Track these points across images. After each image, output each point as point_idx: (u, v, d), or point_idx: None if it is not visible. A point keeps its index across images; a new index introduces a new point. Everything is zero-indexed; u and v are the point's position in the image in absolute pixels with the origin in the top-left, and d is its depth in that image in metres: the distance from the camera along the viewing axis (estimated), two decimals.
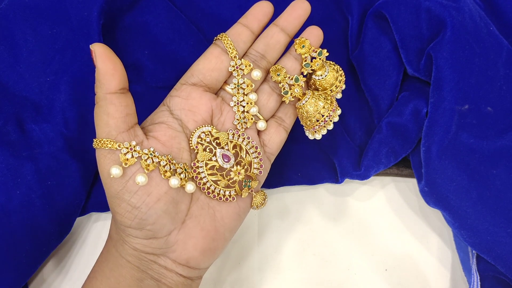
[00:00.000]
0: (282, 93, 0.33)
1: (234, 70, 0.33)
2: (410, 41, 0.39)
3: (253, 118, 0.33)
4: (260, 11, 0.33)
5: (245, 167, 0.32)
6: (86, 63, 0.37)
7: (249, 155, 0.33)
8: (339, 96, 0.34)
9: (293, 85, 0.33)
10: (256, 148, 0.33)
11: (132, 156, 0.28)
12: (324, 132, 0.33)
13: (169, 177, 0.29)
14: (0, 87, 0.37)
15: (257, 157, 0.33)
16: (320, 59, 0.33)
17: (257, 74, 0.33)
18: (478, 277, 0.36)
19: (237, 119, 0.33)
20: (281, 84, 0.33)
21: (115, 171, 0.28)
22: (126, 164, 0.28)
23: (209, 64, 0.32)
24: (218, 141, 0.32)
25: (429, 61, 0.38)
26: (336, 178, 0.40)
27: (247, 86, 0.33)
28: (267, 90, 0.34)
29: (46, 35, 0.37)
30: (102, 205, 0.39)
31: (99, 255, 0.32)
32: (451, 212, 0.36)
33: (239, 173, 0.32)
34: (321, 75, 0.33)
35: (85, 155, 0.37)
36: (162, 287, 0.30)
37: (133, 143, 0.29)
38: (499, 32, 0.39)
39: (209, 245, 0.31)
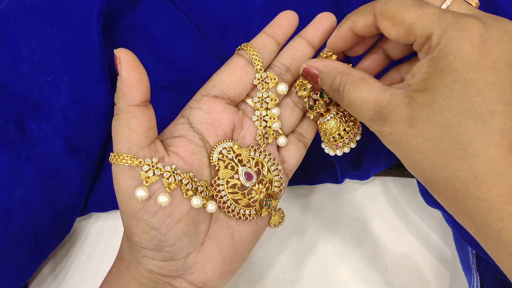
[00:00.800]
0: (307, 108, 0.32)
1: (259, 83, 0.31)
2: None
3: (274, 134, 0.32)
4: (286, 21, 0.32)
5: (267, 185, 0.31)
6: (86, 63, 0.37)
7: (270, 172, 0.31)
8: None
9: (318, 100, 0.32)
10: (277, 165, 0.32)
11: (154, 174, 0.26)
12: (346, 150, 0.32)
13: (191, 196, 0.27)
14: (0, 87, 0.37)
15: (278, 174, 0.31)
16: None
17: (283, 88, 0.31)
18: (478, 277, 0.36)
19: (259, 135, 0.32)
20: (306, 99, 0.32)
21: (141, 193, 0.25)
22: (147, 182, 0.26)
23: (234, 76, 0.31)
24: (240, 158, 0.30)
25: None
26: (336, 178, 0.40)
27: (271, 100, 0.32)
28: (290, 105, 0.33)
29: (46, 35, 0.37)
30: (102, 205, 0.39)
31: (107, 273, 0.30)
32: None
33: (261, 192, 0.30)
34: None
35: (85, 155, 0.37)
36: None
37: (155, 159, 0.27)
38: None
39: (227, 267, 0.29)
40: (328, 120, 0.31)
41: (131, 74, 0.25)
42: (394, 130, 0.26)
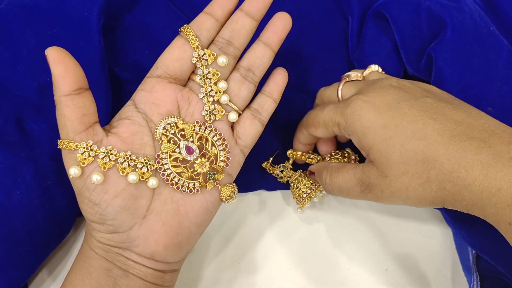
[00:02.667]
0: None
1: (197, 61, 0.32)
2: (410, 41, 0.39)
3: (224, 110, 0.33)
4: None
5: (211, 159, 0.32)
6: (86, 63, 0.37)
7: (215, 147, 0.32)
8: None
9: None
10: (224, 140, 0.32)
11: (89, 156, 0.29)
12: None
13: (128, 173, 0.30)
14: (0, 87, 0.37)
15: (224, 149, 0.32)
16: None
17: (223, 60, 0.32)
18: (478, 277, 0.36)
19: (206, 110, 0.32)
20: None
21: (73, 171, 0.29)
22: (84, 163, 0.29)
23: (172, 55, 0.32)
24: (183, 133, 0.32)
25: (430, 61, 0.38)
26: None
27: (213, 75, 0.32)
28: (238, 78, 0.34)
29: (46, 35, 0.37)
30: None
31: None
32: (450, 212, 0.36)
33: (203, 165, 0.32)
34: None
35: None
36: (130, 277, 0.31)
37: (90, 142, 0.29)
38: (499, 32, 0.39)
39: (172, 240, 0.31)
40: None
41: (57, 68, 0.28)
42: (381, 187, 0.30)
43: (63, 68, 0.28)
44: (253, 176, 0.41)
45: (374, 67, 0.37)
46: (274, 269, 0.39)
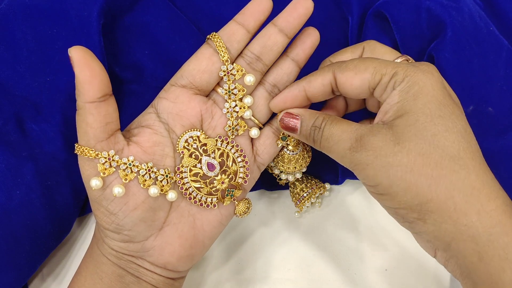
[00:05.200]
0: (280, 137, 0.34)
1: (225, 75, 0.31)
2: (410, 40, 0.39)
3: (246, 125, 0.32)
4: (257, 8, 0.31)
5: (230, 176, 0.32)
6: None
7: (235, 164, 0.32)
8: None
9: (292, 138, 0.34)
10: (244, 157, 0.32)
11: (111, 166, 0.28)
12: (299, 175, 0.37)
13: (149, 185, 0.29)
14: (0, 87, 0.37)
15: (244, 166, 0.32)
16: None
17: (250, 79, 0.31)
18: None
19: (229, 126, 0.32)
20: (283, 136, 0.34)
21: (95, 182, 0.28)
22: (104, 174, 0.28)
23: (200, 66, 0.31)
24: (205, 148, 0.31)
25: (430, 61, 0.38)
26: (336, 179, 0.40)
27: (239, 91, 0.32)
28: (263, 94, 0.33)
29: (46, 35, 0.37)
30: None
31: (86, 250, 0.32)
32: None
33: (222, 182, 0.31)
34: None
35: None
36: (142, 284, 0.31)
37: (112, 152, 0.28)
38: (499, 32, 0.39)
39: (186, 252, 0.31)
40: (296, 154, 0.35)
41: (84, 72, 0.26)
42: (379, 152, 0.26)
43: (89, 73, 0.26)
44: None
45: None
46: (274, 269, 0.39)
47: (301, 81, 0.31)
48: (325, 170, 0.41)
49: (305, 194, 0.38)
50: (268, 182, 0.41)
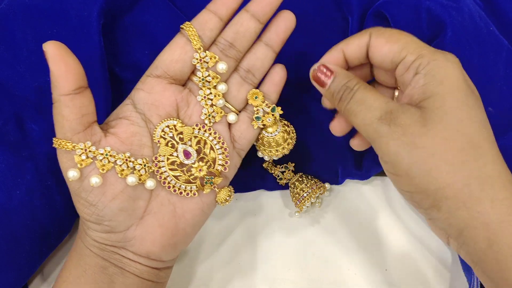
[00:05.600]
0: (254, 117, 0.33)
1: (197, 63, 0.31)
2: None
3: (223, 112, 0.32)
4: None
5: (208, 163, 0.32)
6: (86, 63, 0.37)
7: (214, 151, 0.32)
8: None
9: (268, 113, 0.33)
10: (223, 143, 0.32)
11: (87, 157, 0.28)
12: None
13: (126, 175, 0.29)
14: (0, 87, 0.37)
15: (223, 153, 0.32)
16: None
17: (222, 67, 0.31)
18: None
19: (205, 114, 0.32)
20: (257, 108, 0.33)
21: (72, 174, 0.28)
22: (81, 165, 0.28)
23: (173, 55, 0.31)
24: (181, 136, 0.31)
25: None
26: (336, 179, 0.40)
27: (213, 78, 0.32)
28: (238, 80, 0.33)
29: (46, 35, 0.37)
30: None
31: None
32: None
33: (200, 169, 0.31)
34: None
35: None
36: (126, 274, 0.31)
37: (88, 143, 0.29)
38: (499, 32, 0.39)
39: (168, 241, 0.31)
40: (275, 135, 0.34)
41: (57, 66, 0.27)
42: (406, 130, 0.26)
43: (63, 66, 0.27)
44: (253, 176, 0.41)
45: None
46: (274, 269, 0.39)
47: (340, 43, 0.31)
48: (325, 170, 0.41)
49: (305, 194, 0.38)
50: (268, 182, 0.41)
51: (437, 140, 0.26)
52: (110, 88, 0.38)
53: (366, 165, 0.40)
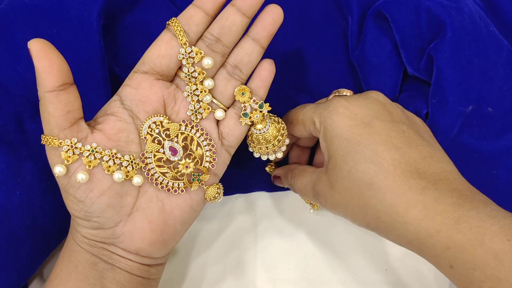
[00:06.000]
0: (241, 114, 0.32)
1: (183, 58, 0.31)
2: (410, 41, 0.39)
3: (210, 108, 0.32)
4: None
5: (195, 160, 0.31)
6: (86, 63, 0.37)
7: (201, 148, 0.32)
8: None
9: (256, 110, 0.32)
10: (210, 140, 0.32)
11: (74, 153, 0.29)
12: (280, 155, 0.35)
13: (113, 171, 0.29)
14: (0, 87, 0.37)
15: (210, 149, 0.32)
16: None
17: (208, 62, 0.31)
18: None
19: (191, 110, 0.32)
20: (244, 105, 0.32)
21: (58, 169, 0.28)
22: (68, 161, 0.28)
23: (159, 51, 0.31)
24: (168, 133, 0.31)
25: (430, 61, 0.38)
26: None
27: (199, 74, 0.31)
28: (225, 76, 0.32)
29: (46, 35, 0.37)
30: None
31: None
32: None
33: (187, 166, 0.31)
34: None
35: None
36: (116, 270, 0.31)
37: (74, 140, 0.29)
38: (499, 32, 0.39)
39: (157, 237, 0.31)
40: (264, 132, 0.33)
41: (41, 63, 0.27)
42: (325, 197, 0.32)
43: (47, 63, 0.27)
44: (253, 177, 0.41)
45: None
46: (274, 269, 0.39)
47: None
48: None
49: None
50: (269, 182, 0.41)
51: (342, 194, 0.30)
52: (110, 88, 0.38)
53: None
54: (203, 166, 0.32)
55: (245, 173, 0.41)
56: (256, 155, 0.35)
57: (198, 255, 0.40)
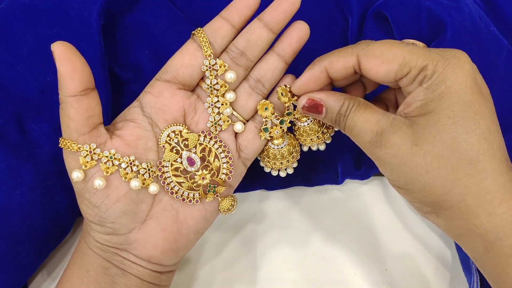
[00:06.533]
0: (262, 128, 0.32)
1: (206, 70, 0.31)
2: None
3: (230, 120, 0.32)
4: (243, 4, 0.30)
5: (212, 171, 0.32)
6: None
7: (218, 159, 0.32)
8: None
9: (276, 125, 0.32)
10: (228, 152, 0.32)
11: (92, 159, 0.29)
12: (290, 171, 0.34)
13: (130, 179, 0.29)
14: (0, 87, 0.37)
15: (227, 162, 0.32)
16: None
17: (231, 76, 0.31)
18: (478, 277, 0.36)
19: (211, 121, 0.32)
20: (265, 120, 0.32)
21: (76, 175, 0.28)
22: (86, 166, 0.28)
23: (183, 61, 0.31)
24: (186, 143, 0.31)
25: None
26: (336, 179, 0.40)
27: (221, 87, 0.31)
28: (247, 90, 0.33)
29: (46, 35, 0.37)
30: None
31: None
32: None
33: (203, 177, 0.31)
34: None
35: None
36: (128, 276, 0.31)
37: (93, 145, 0.29)
38: (499, 32, 0.39)
39: (170, 246, 0.31)
40: (281, 147, 0.33)
41: (64, 67, 0.27)
42: (397, 151, 0.26)
43: (70, 67, 0.27)
44: (253, 176, 0.41)
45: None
46: (274, 269, 0.39)
47: (322, 60, 0.30)
48: (325, 170, 0.41)
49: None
50: (268, 182, 0.41)
51: (428, 158, 0.26)
52: (110, 88, 0.38)
53: (366, 165, 0.40)
54: (219, 178, 0.32)
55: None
56: (267, 169, 0.35)
57: (195, 253, 0.40)
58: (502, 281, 0.26)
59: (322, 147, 0.34)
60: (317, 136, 0.33)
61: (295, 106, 0.32)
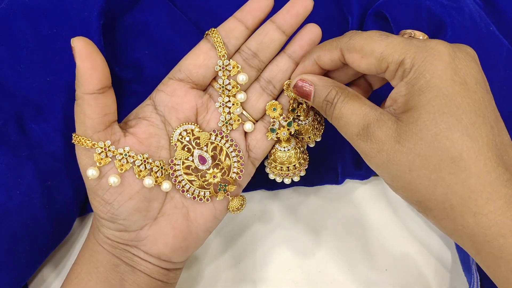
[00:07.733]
0: (269, 128, 0.33)
1: (220, 70, 0.31)
2: None
3: (240, 120, 0.32)
4: (257, 5, 0.31)
5: (223, 170, 0.32)
6: None
7: (229, 158, 0.32)
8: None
9: (284, 127, 0.32)
10: (239, 151, 0.32)
11: (106, 156, 0.29)
12: (297, 179, 0.34)
13: (144, 176, 0.29)
14: (0, 87, 0.37)
15: (238, 161, 0.32)
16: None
17: (243, 78, 0.31)
18: (478, 277, 0.36)
19: (222, 121, 0.32)
20: (273, 120, 0.32)
21: (91, 172, 0.28)
22: (100, 163, 0.29)
23: (197, 60, 0.31)
24: (198, 141, 0.31)
25: None
26: (336, 179, 0.40)
27: (233, 87, 0.32)
28: (258, 90, 0.33)
29: (46, 35, 0.37)
30: None
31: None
32: None
33: (214, 176, 0.31)
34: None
35: None
36: (137, 273, 0.31)
37: (108, 142, 0.29)
38: (499, 32, 0.39)
39: (180, 243, 0.31)
40: (288, 150, 0.32)
41: (84, 64, 0.27)
42: (382, 147, 0.26)
43: (90, 65, 0.27)
44: (253, 176, 0.41)
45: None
46: (274, 269, 0.39)
47: (311, 54, 0.30)
48: (325, 170, 0.41)
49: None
50: (268, 181, 0.41)
51: (411, 157, 0.25)
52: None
53: (366, 165, 0.39)
54: (230, 176, 0.32)
55: None
56: (272, 176, 0.34)
57: (197, 253, 0.40)
58: (496, 282, 0.25)
59: (312, 144, 0.34)
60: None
61: (299, 103, 0.33)
